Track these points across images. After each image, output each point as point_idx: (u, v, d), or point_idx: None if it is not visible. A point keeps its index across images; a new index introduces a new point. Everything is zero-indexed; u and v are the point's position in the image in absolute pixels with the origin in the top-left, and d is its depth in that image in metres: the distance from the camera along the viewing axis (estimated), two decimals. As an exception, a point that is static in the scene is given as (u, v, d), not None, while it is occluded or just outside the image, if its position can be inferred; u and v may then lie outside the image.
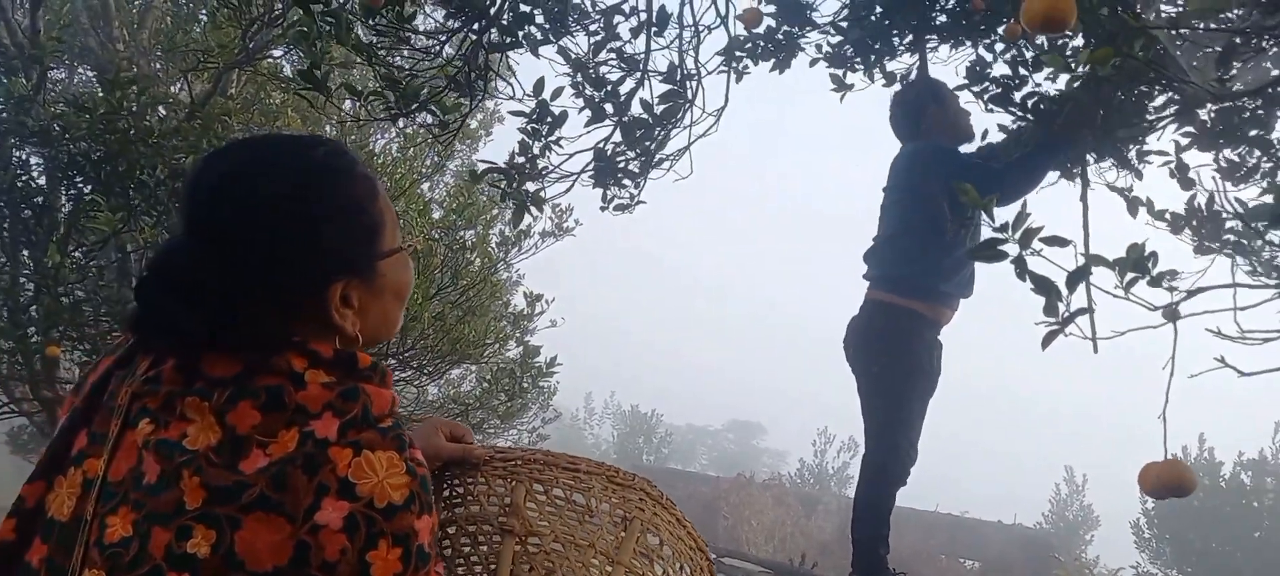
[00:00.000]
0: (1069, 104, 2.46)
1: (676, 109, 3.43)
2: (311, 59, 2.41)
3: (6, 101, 3.41)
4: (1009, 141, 2.76)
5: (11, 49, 3.77)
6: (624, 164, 3.49)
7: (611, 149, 3.46)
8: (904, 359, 2.71)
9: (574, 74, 3.35)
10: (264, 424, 0.75)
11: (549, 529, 1.03)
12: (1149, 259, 1.75)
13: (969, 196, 1.83)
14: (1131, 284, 1.77)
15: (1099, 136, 2.47)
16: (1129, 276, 1.77)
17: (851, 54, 3.26)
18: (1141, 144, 2.59)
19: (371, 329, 0.87)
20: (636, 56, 3.38)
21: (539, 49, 3.20)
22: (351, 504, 0.72)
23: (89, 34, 5.13)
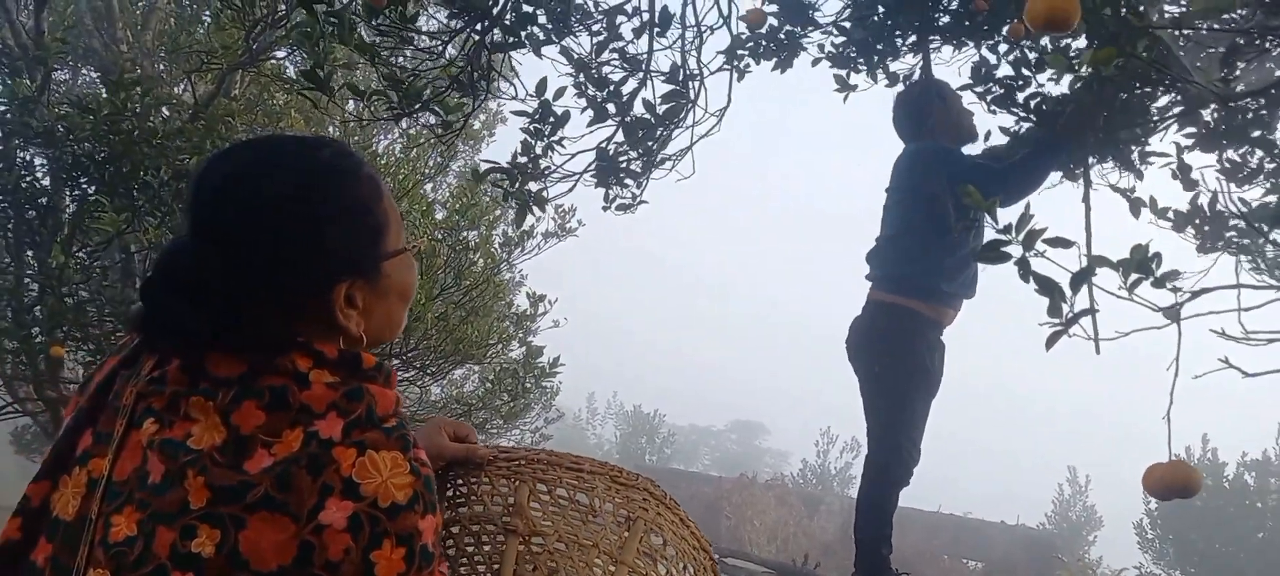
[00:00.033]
0: (1071, 105, 2.45)
1: (679, 109, 3.43)
2: (314, 59, 2.41)
3: (11, 102, 3.42)
4: (1012, 142, 2.76)
5: (16, 50, 3.78)
6: (626, 164, 3.49)
7: (614, 149, 3.46)
8: (906, 359, 2.71)
9: (576, 74, 3.35)
10: (268, 424, 0.75)
11: (552, 528, 1.03)
12: (1152, 260, 1.75)
13: (972, 198, 1.83)
14: (1135, 285, 1.76)
15: (1101, 137, 2.47)
16: (1133, 277, 1.76)
17: (854, 54, 3.26)
18: (1144, 145, 2.58)
19: (376, 329, 0.87)
20: (639, 56, 3.39)
21: (541, 49, 3.20)
22: (355, 503, 0.72)
23: (93, 35, 5.14)
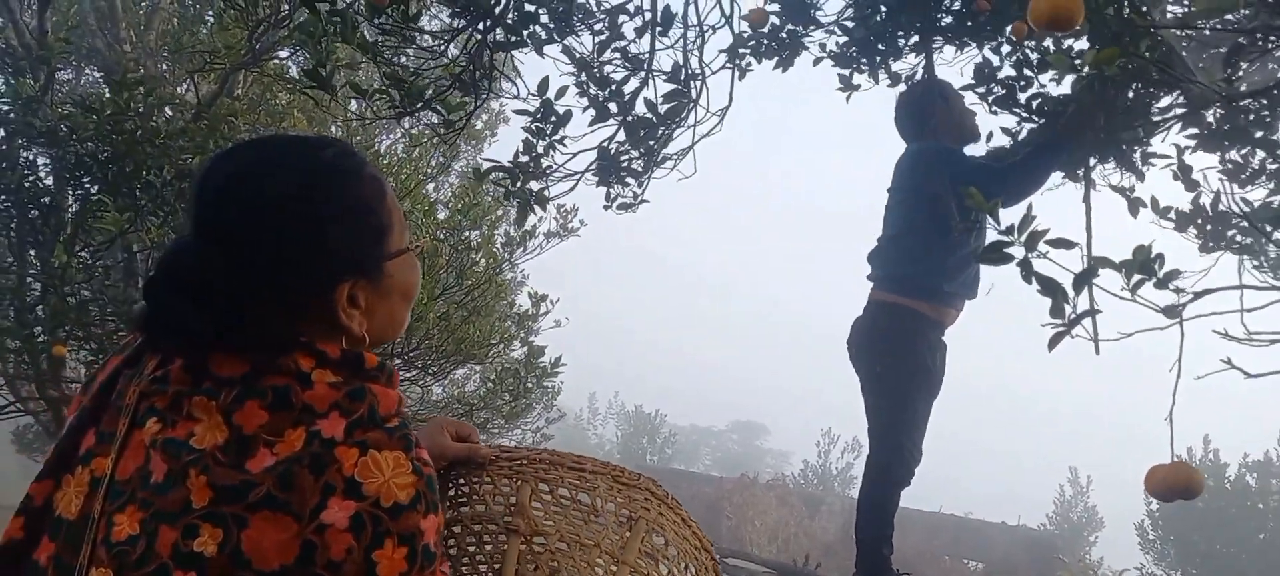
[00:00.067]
0: (1072, 105, 2.45)
1: (680, 108, 3.43)
2: (317, 58, 2.41)
3: (14, 102, 3.42)
4: (1015, 143, 2.76)
5: (19, 50, 3.78)
6: (627, 163, 3.49)
7: (615, 148, 3.46)
8: (908, 359, 2.70)
9: (578, 73, 3.35)
10: (271, 423, 0.75)
11: (554, 528, 1.03)
12: (1155, 260, 1.75)
13: (974, 200, 1.83)
14: (1138, 286, 1.76)
15: (1103, 138, 2.46)
16: (1135, 278, 1.76)
17: (856, 54, 3.25)
18: (1146, 145, 2.58)
19: (378, 329, 0.88)
20: (641, 56, 3.38)
21: (543, 48, 3.20)
22: (358, 503, 0.73)
23: (96, 35, 5.15)
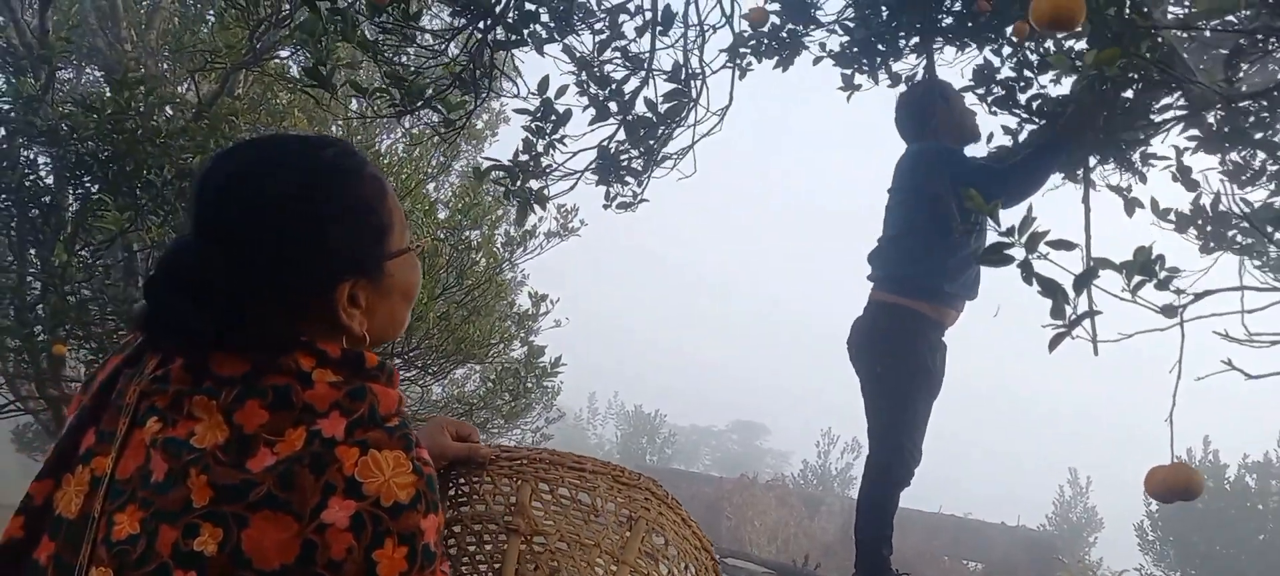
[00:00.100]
0: (1072, 105, 2.45)
1: (681, 108, 3.43)
2: (317, 56, 2.41)
3: (15, 101, 3.42)
4: (1015, 144, 2.76)
5: (20, 49, 3.78)
6: (627, 162, 3.49)
7: (615, 147, 3.46)
8: (908, 360, 2.70)
9: (578, 72, 3.35)
10: (271, 423, 0.75)
11: (554, 528, 1.03)
12: (1155, 262, 1.75)
13: (975, 202, 1.83)
14: (1139, 287, 1.76)
15: (1102, 138, 2.46)
16: (1136, 279, 1.76)
17: (857, 54, 3.25)
18: (1146, 146, 2.58)
19: (378, 329, 0.87)
20: (641, 55, 3.38)
21: (544, 47, 3.21)
22: (358, 503, 0.73)
23: (97, 34, 5.15)
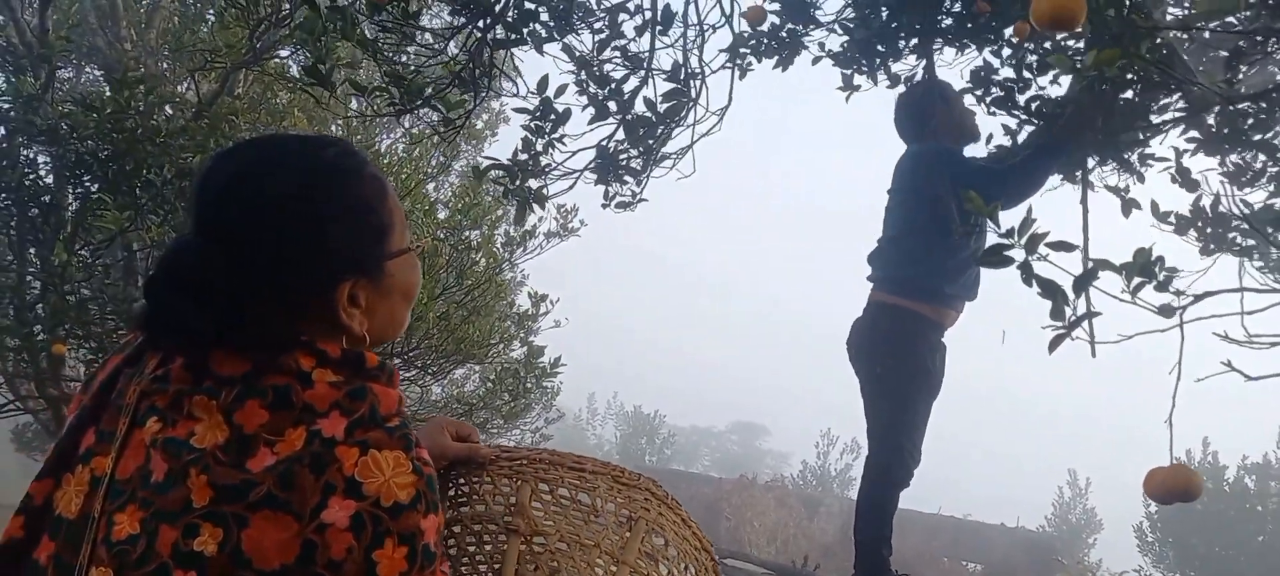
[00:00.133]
0: (1070, 106, 2.45)
1: (680, 107, 3.43)
2: (317, 55, 2.41)
3: (15, 100, 3.42)
4: (1014, 145, 2.75)
5: (20, 48, 3.78)
6: (626, 161, 3.49)
7: (614, 146, 3.46)
8: (908, 361, 2.70)
9: (578, 72, 3.35)
10: (271, 422, 0.75)
11: (554, 528, 1.03)
12: (1155, 263, 1.75)
13: (975, 204, 1.83)
14: (1139, 288, 1.76)
15: (1100, 139, 2.46)
16: (1136, 281, 1.76)
17: (857, 55, 3.25)
18: (1145, 147, 2.58)
19: (378, 329, 0.87)
20: (641, 55, 3.38)
21: (543, 46, 3.21)
22: (358, 503, 0.73)
23: (97, 33, 5.15)
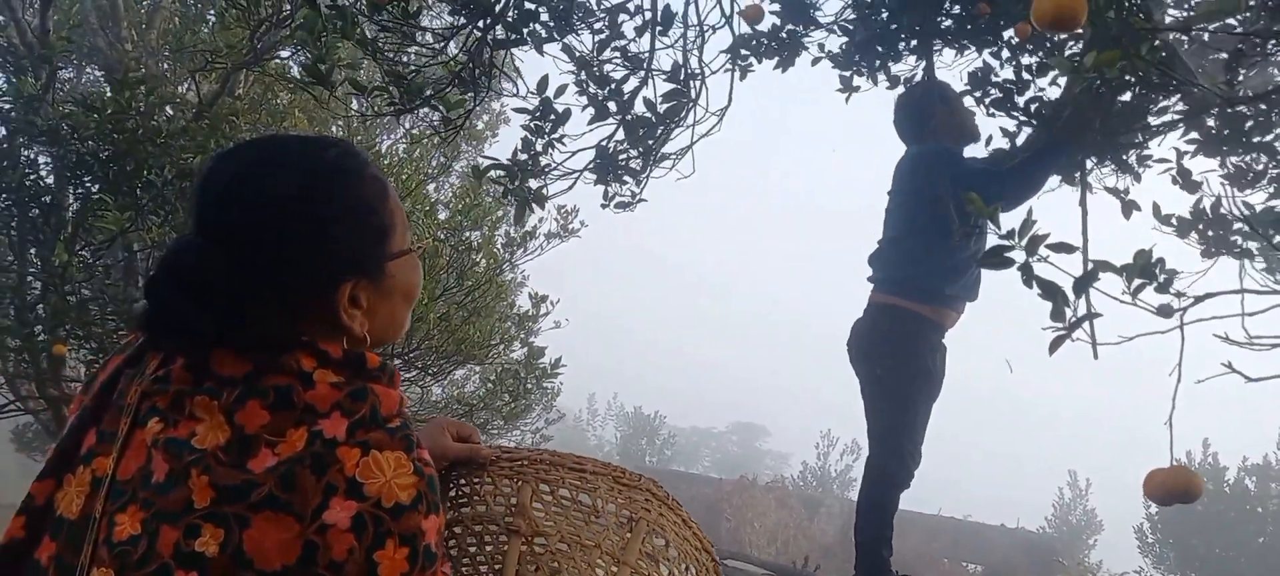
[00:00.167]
0: (1069, 108, 2.45)
1: (680, 108, 3.43)
2: (317, 54, 2.41)
3: (15, 101, 3.42)
4: (1013, 147, 2.75)
5: (21, 48, 3.79)
6: (626, 161, 3.49)
7: (614, 147, 3.46)
8: (908, 362, 2.71)
9: (578, 72, 3.35)
10: (272, 423, 0.75)
11: (555, 529, 1.03)
12: (1156, 265, 1.75)
13: (975, 205, 1.83)
14: (1139, 290, 1.76)
15: (1099, 141, 2.46)
16: (1136, 282, 1.76)
17: (856, 56, 3.25)
18: (1144, 148, 2.58)
19: (379, 330, 0.87)
20: (640, 55, 3.39)
21: (543, 46, 3.21)
22: (359, 503, 0.72)
23: (98, 34, 5.15)
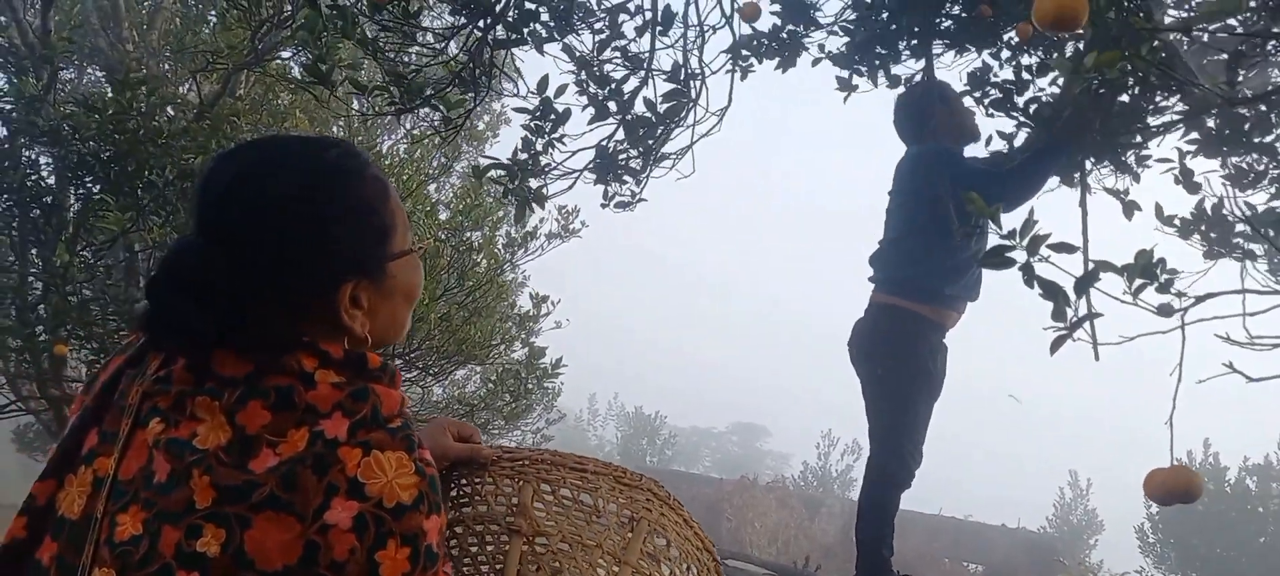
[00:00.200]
0: (1068, 109, 2.44)
1: (680, 108, 3.43)
2: (317, 54, 2.42)
3: (17, 101, 3.43)
4: (1011, 149, 2.75)
5: (22, 49, 3.79)
6: (626, 161, 3.49)
7: (614, 146, 3.46)
8: (909, 362, 2.70)
9: (578, 72, 3.35)
10: (274, 423, 0.75)
11: (556, 529, 1.03)
12: (1157, 265, 1.75)
13: (976, 205, 1.82)
14: (1140, 290, 1.76)
15: (1099, 141, 2.46)
16: (1137, 282, 1.76)
17: (856, 56, 3.25)
18: (1144, 148, 2.58)
19: (380, 330, 0.87)
20: (641, 55, 3.39)
21: (543, 46, 3.21)
22: (361, 504, 0.73)
23: (99, 34, 5.15)
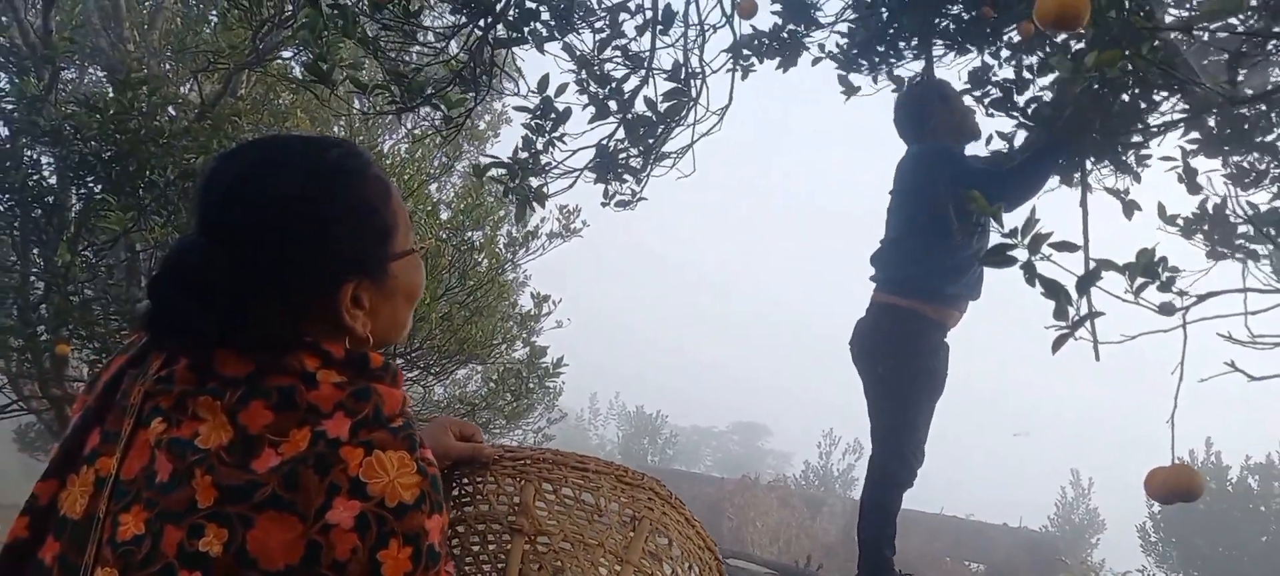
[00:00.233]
0: (1069, 109, 2.44)
1: (680, 107, 3.43)
2: (318, 53, 2.42)
3: (19, 101, 3.43)
4: (1011, 149, 2.75)
5: (24, 49, 3.80)
6: (626, 160, 3.49)
7: (614, 146, 3.46)
8: (910, 361, 2.71)
9: (579, 71, 3.35)
10: (276, 423, 0.75)
11: (558, 528, 1.03)
12: (1159, 264, 1.75)
13: (978, 204, 1.82)
14: (1142, 289, 1.76)
15: (1099, 140, 2.46)
16: (1139, 281, 1.76)
17: (857, 57, 3.25)
18: (1142, 149, 2.57)
19: (382, 330, 0.87)
20: (641, 54, 3.39)
21: (544, 45, 3.21)
22: (363, 503, 0.73)
23: (100, 34, 5.15)
